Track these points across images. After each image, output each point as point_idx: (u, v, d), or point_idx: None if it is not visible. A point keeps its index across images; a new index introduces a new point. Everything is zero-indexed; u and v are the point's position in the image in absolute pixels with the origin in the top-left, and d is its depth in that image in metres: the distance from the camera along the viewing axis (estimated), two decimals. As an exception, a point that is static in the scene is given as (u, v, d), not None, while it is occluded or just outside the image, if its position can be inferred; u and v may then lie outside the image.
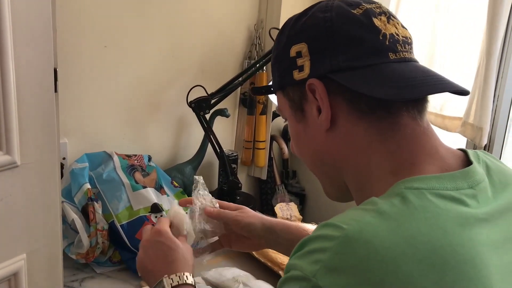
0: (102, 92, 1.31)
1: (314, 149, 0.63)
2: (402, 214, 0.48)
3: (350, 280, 0.45)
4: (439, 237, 0.47)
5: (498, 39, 1.14)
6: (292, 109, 0.63)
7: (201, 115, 1.36)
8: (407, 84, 0.55)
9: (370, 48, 0.56)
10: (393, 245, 0.46)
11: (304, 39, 0.59)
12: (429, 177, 0.53)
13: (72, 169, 1.17)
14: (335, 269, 0.46)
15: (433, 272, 0.45)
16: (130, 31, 1.31)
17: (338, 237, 0.47)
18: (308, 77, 0.58)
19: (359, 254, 0.45)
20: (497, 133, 1.26)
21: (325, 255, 0.47)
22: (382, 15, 0.58)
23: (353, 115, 0.57)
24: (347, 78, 0.56)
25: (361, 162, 0.58)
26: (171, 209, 0.84)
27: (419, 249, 0.45)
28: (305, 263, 0.48)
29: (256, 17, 1.54)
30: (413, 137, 0.56)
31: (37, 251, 0.72)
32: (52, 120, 0.71)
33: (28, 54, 0.66)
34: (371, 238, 0.46)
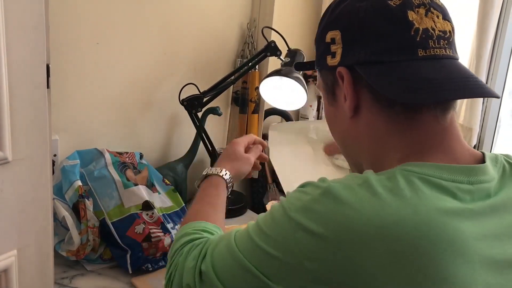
0: (94, 89, 1.30)
1: (341, 131, 0.66)
2: (385, 191, 0.51)
3: (317, 229, 0.51)
4: (410, 217, 0.49)
5: (488, 41, 1.16)
6: (326, 91, 0.66)
7: (193, 113, 1.36)
8: (424, 87, 0.55)
9: (398, 43, 0.56)
10: (365, 226, 0.49)
11: (339, 27, 0.60)
12: (427, 165, 0.54)
13: (63, 166, 1.16)
14: (306, 210, 0.53)
15: (399, 259, 0.47)
16: (123, 28, 1.31)
17: (320, 187, 0.54)
18: (338, 64, 0.60)
19: (330, 208, 0.51)
20: (486, 134, 1.28)
21: (306, 196, 0.54)
22: (420, 7, 0.57)
23: (375, 107, 0.59)
24: (369, 72, 0.57)
25: (377, 150, 0.61)
26: None
27: (390, 237, 0.48)
28: (293, 198, 0.56)
29: (249, 15, 1.55)
30: (430, 135, 0.57)
31: (28, 247, 0.72)
32: (44, 116, 0.71)
33: (20, 50, 0.65)
34: (347, 199, 0.51)
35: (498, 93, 1.26)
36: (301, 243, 0.51)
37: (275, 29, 1.39)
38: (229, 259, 0.59)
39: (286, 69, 1.32)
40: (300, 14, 1.68)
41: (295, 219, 0.53)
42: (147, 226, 1.12)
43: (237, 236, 0.61)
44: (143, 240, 1.10)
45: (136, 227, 1.12)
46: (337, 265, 0.49)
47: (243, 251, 0.58)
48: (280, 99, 1.41)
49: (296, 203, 0.55)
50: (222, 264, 0.61)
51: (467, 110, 1.22)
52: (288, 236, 0.53)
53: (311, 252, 0.51)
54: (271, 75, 1.33)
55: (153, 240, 1.11)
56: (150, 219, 1.15)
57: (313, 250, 0.50)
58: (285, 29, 1.40)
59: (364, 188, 0.52)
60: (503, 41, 1.20)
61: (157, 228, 1.14)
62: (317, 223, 0.51)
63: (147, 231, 1.11)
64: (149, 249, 1.10)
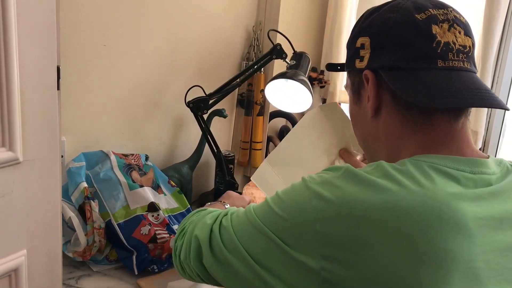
0: (100, 91, 1.31)
1: (362, 129, 0.73)
2: (396, 171, 0.57)
3: (332, 198, 0.56)
4: (419, 194, 0.54)
5: (493, 44, 1.16)
6: (352, 90, 0.73)
7: (199, 115, 1.37)
8: (439, 94, 0.60)
9: (420, 53, 0.62)
10: (374, 198, 0.54)
11: (369, 33, 0.67)
12: (433, 156, 0.60)
13: (69, 168, 1.17)
14: (326, 183, 0.58)
15: (405, 230, 0.52)
16: (130, 31, 1.31)
17: (342, 168, 0.59)
18: (365, 68, 0.67)
19: (347, 183, 0.57)
20: (491, 137, 1.28)
21: (328, 175, 0.60)
22: (445, 22, 0.63)
23: (394, 108, 0.65)
24: (391, 77, 0.63)
25: (393, 148, 0.67)
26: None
27: (396, 210, 0.53)
28: (314, 175, 0.62)
29: (255, 18, 1.55)
30: (441, 137, 0.63)
31: (37, 247, 0.73)
32: (54, 117, 0.71)
33: (32, 52, 0.66)
34: (362, 176, 0.57)
35: (504, 98, 1.26)
36: (315, 208, 0.56)
37: (280, 32, 1.40)
38: (247, 223, 0.64)
39: (292, 71, 1.32)
40: (305, 17, 1.69)
41: (314, 189, 0.58)
42: (153, 228, 1.13)
43: (255, 205, 0.67)
44: (149, 241, 1.11)
45: (142, 229, 1.12)
46: (346, 231, 0.53)
47: (261, 216, 0.63)
48: (285, 101, 1.42)
49: (317, 178, 0.60)
50: (240, 228, 0.66)
51: (473, 113, 1.23)
52: (304, 202, 0.58)
53: (323, 216, 0.55)
54: (276, 77, 1.33)
55: (158, 241, 1.11)
56: (156, 220, 1.16)
57: (326, 214, 0.55)
58: (290, 32, 1.41)
59: (378, 170, 0.58)
60: (509, 44, 1.21)
61: (162, 230, 1.14)
62: (334, 194, 0.56)
63: (153, 233, 1.12)
64: (154, 250, 1.11)
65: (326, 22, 1.69)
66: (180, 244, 0.77)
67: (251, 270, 0.61)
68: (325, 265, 0.54)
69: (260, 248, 0.61)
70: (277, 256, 0.59)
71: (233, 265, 0.63)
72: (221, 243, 0.66)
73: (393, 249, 0.52)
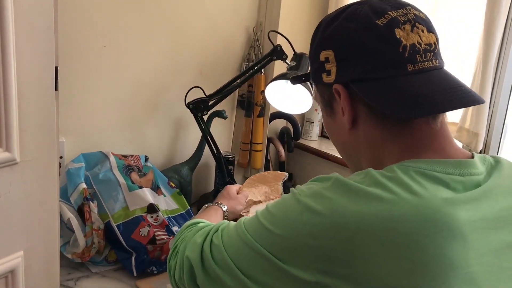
0: (100, 92, 1.31)
1: (340, 140, 0.71)
2: (385, 179, 0.56)
3: (323, 211, 0.54)
4: (412, 202, 0.53)
5: (494, 46, 1.15)
6: (323, 103, 0.71)
7: (199, 116, 1.37)
8: (416, 101, 0.58)
9: (388, 60, 0.60)
10: (367, 208, 0.53)
11: (331, 46, 0.64)
12: (421, 160, 0.59)
13: (68, 169, 1.17)
14: (316, 195, 0.57)
15: (399, 240, 0.51)
16: (130, 32, 1.31)
17: (331, 178, 0.58)
18: (334, 82, 0.64)
19: (337, 193, 0.55)
20: (492, 139, 1.28)
21: (317, 186, 0.59)
22: (406, 23, 0.61)
23: (371, 119, 0.63)
24: (364, 89, 0.61)
25: (376, 156, 0.65)
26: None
27: (390, 220, 0.52)
28: (303, 187, 0.60)
29: (255, 19, 1.55)
30: (422, 138, 0.61)
31: (34, 249, 0.72)
32: (52, 118, 0.71)
33: (29, 52, 0.66)
34: (352, 186, 0.55)
35: (505, 100, 1.26)
36: (307, 223, 0.55)
37: (281, 33, 1.39)
38: (238, 240, 0.63)
39: (292, 73, 1.32)
40: (306, 18, 1.68)
41: (304, 202, 0.57)
42: (152, 229, 1.12)
43: (246, 220, 0.65)
44: (148, 242, 1.10)
45: (141, 230, 1.12)
46: (340, 245, 0.52)
47: (252, 232, 0.61)
48: (285, 102, 1.41)
49: (307, 190, 0.59)
50: (231, 245, 0.64)
51: (474, 115, 1.22)
52: (296, 216, 0.57)
53: (315, 230, 0.54)
54: (276, 78, 1.33)
55: (158, 242, 1.11)
56: (155, 221, 1.15)
57: (318, 228, 0.54)
58: (291, 33, 1.40)
59: (367, 179, 0.56)
60: (510, 46, 1.20)
61: (162, 231, 1.14)
62: (325, 206, 0.55)
63: (152, 234, 1.11)
64: (154, 252, 1.10)
65: (327, 23, 1.68)
66: (174, 264, 0.76)
67: (245, 287, 0.60)
68: (320, 279, 0.53)
69: (253, 264, 0.60)
70: (270, 271, 0.58)
71: (226, 283, 0.62)
72: (213, 262, 0.65)
73: (389, 260, 0.51)
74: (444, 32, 1.32)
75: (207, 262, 0.66)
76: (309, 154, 1.70)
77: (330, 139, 0.75)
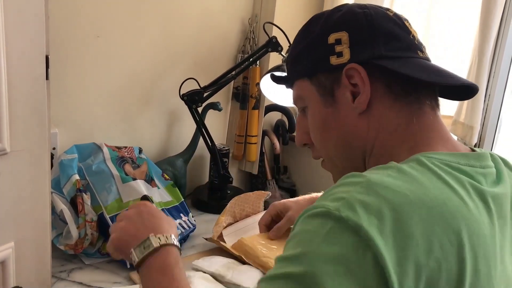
0: (94, 83, 1.30)
1: (343, 133, 0.66)
2: (418, 173, 0.53)
3: (369, 214, 0.48)
4: (450, 194, 0.52)
5: (490, 38, 1.15)
6: (321, 95, 0.67)
7: (194, 108, 1.36)
8: (440, 74, 0.63)
9: (406, 44, 0.64)
10: (410, 192, 0.50)
11: (345, 28, 0.64)
12: (443, 153, 0.58)
13: (61, 160, 1.16)
14: (357, 204, 0.48)
15: (441, 220, 0.49)
16: (124, 22, 1.30)
17: (361, 182, 0.51)
18: (348, 62, 0.63)
19: (379, 194, 0.49)
20: (487, 133, 1.28)
21: (348, 194, 0.50)
22: (406, 20, 0.66)
23: (388, 98, 0.63)
24: (390, 64, 0.62)
25: (387, 143, 0.63)
26: None
27: (431, 198, 0.50)
28: (328, 201, 0.51)
29: (251, 11, 1.54)
30: (431, 124, 0.63)
31: (25, 240, 0.72)
32: (43, 107, 0.70)
33: (19, 40, 0.65)
34: (390, 185, 0.51)
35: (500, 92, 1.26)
36: (371, 241, 0.47)
37: (276, 25, 1.39)
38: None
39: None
40: (302, 9, 1.67)
41: (352, 219, 0.47)
42: (146, 221, 1.12)
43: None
44: (142, 234, 1.10)
45: (135, 222, 1.11)
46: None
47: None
48: (280, 95, 1.40)
49: (339, 202, 0.50)
50: None
51: (469, 109, 1.22)
52: (352, 246, 0.47)
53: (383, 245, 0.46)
54: (272, 71, 1.32)
55: (151, 234, 1.10)
56: (149, 213, 1.14)
57: (384, 234, 0.47)
58: (286, 25, 1.39)
59: (401, 174, 0.53)
60: (506, 39, 1.20)
61: (155, 223, 1.13)
62: (373, 212, 0.48)
63: (146, 226, 1.11)
64: (147, 244, 1.10)
65: (323, 15, 1.67)
66: None
67: None
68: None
69: None
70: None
71: None
72: None
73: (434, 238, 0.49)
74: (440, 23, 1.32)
75: None
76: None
77: (321, 136, 0.69)
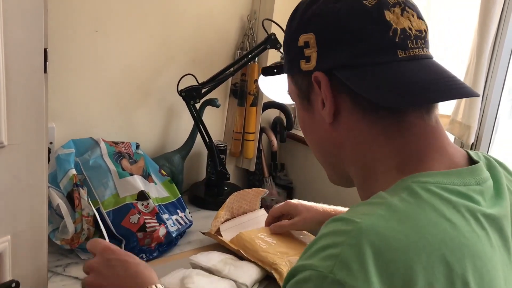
0: (92, 78, 1.29)
1: (319, 138, 0.63)
2: (412, 207, 0.49)
3: (366, 271, 0.43)
4: (448, 229, 0.47)
5: (489, 38, 1.15)
6: (299, 97, 0.63)
7: (191, 104, 1.35)
8: (409, 89, 0.53)
9: (378, 45, 0.54)
10: (405, 237, 0.46)
11: (312, 29, 0.58)
12: (436, 173, 0.53)
13: (58, 155, 1.15)
14: (351, 262, 0.44)
15: (442, 264, 0.45)
16: (122, 17, 1.29)
17: (351, 231, 0.46)
18: (314, 69, 0.58)
19: (373, 246, 0.45)
20: (484, 132, 1.28)
21: (338, 249, 0.45)
22: (396, 6, 0.55)
23: (357, 111, 0.56)
24: (349, 77, 0.55)
25: (365, 156, 0.58)
26: None
27: (429, 240, 0.46)
28: (318, 261, 0.46)
29: (250, 7, 1.54)
30: (421, 136, 0.55)
31: (22, 233, 0.71)
32: (41, 100, 0.70)
33: (18, 32, 0.64)
34: (383, 230, 0.46)
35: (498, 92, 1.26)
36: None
37: (275, 22, 1.38)
38: None
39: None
40: (300, 7, 1.67)
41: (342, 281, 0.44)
42: (142, 216, 1.12)
43: None
44: (138, 230, 1.10)
45: (131, 217, 1.11)
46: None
47: None
48: (279, 92, 1.40)
49: (329, 263, 0.45)
50: None
51: (466, 108, 1.22)
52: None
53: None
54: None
55: (148, 230, 1.10)
56: (145, 209, 1.14)
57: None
58: (285, 22, 1.39)
59: (393, 212, 0.48)
60: (504, 38, 1.20)
61: (152, 219, 1.13)
62: (371, 267, 0.44)
63: (142, 221, 1.11)
64: (143, 239, 1.10)
65: (322, 13, 1.67)
66: None
67: None
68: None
69: None
70: None
71: None
72: None
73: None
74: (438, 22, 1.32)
75: None
76: (302, 144, 1.69)
77: (306, 139, 0.67)
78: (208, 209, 1.41)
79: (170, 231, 1.15)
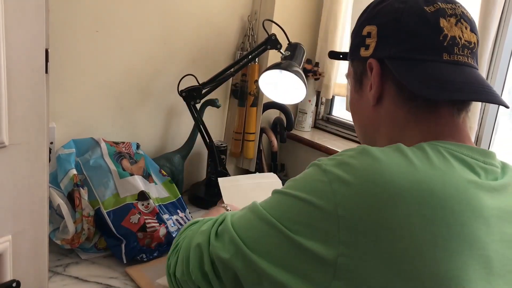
0: (92, 78, 1.29)
1: (362, 118, 0.74)
2: (416, 156, 0.56)
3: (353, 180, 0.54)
4: (439, 179, 0.54)
5: (489, 40, 1.15)
6: (354, 79, 0.73)
7: (192, 104, 1.36)
8: (445, 86, 0.61)
9: (427, 45, 0.63)
10: (398, 178, 0.53)
11: (376, 22, 0.67)
12: (448, 142, 0.61)
13: (59, 155, 1.16)
14: (342, 164, 0.56)
15: (426, 212, 0.52)
16: (123, 17, 1.29)
17: (357, 148, 0.58)
18: (370, 56, 0.67)
19: (366, 163, 0.55)
20: (484, 133, 1.28)
21: (341, 156, 0.58)
22: (452, 16, 0.64)
23: (397, 98, 0.66)
24: (397, 67, 0.64)
25: (395, 135, 0.67)
26: None
27: (420, 192, 0.53)
28: (325, 159, 0.60)
29: (250, 8, 1.54)
30: (445, 125, 0.64)
31: (23, 233, 0.71)
32: (42, 101, 0.70)
33: (19, 33, 0.64)
34: (382, 158, 0.55)
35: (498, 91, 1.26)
36: (337, 192, 0.54)
37: (276, 22, 1.39)
38: (252, 218, 0.62)
39: (286, 62, 1.31)
40: (301, 7, 1.67)
41: (331, 171, 0.56)
42: (143, 216, 1.12)
43: (260, 202, 0.64)
44: (138, 230, 1.10)
45: (132, 217, 1.11)
46: (367, 214, 0.52)
47: (269, 209, 0.61)
48: (279, 93, 1.41)
49: (330, 161, 0.59)
50: (243, 225, 0.63)
51: (467, 109, 1.22)
52: (324, 187, 0.56)
53: (345, 200, 0.54)
54: (270, 68, 1.32)
55: (148, 230, 1.11)
56: (146, 209, 1.15)
57: (347, 198, 0.54)
58: (286, 22, 1.39)
59: (397, 152, 0.57)
60: (504, 39, 1.20)
61: (152, 219, 1.13)
62: (353, 175, 0.55)
63: (142, 221, 1.11)
64: (144, 239, 1.10)
65: (322, 13, 1.67)
66: (174, 261, 0.74)
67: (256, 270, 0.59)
68: (343, 251, 0.52)
69: (265, 242, 0.59)
70: (286, 249, 0.56)
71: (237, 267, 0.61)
72: (223, 245, 0.63)
73: (412, 232, 0.51)
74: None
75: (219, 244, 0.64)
76: (302, 145, 1.70)
77: (352, 115, 0.77)
78: (208, 209, 1.41)
79: (170, 231, 1.15)
